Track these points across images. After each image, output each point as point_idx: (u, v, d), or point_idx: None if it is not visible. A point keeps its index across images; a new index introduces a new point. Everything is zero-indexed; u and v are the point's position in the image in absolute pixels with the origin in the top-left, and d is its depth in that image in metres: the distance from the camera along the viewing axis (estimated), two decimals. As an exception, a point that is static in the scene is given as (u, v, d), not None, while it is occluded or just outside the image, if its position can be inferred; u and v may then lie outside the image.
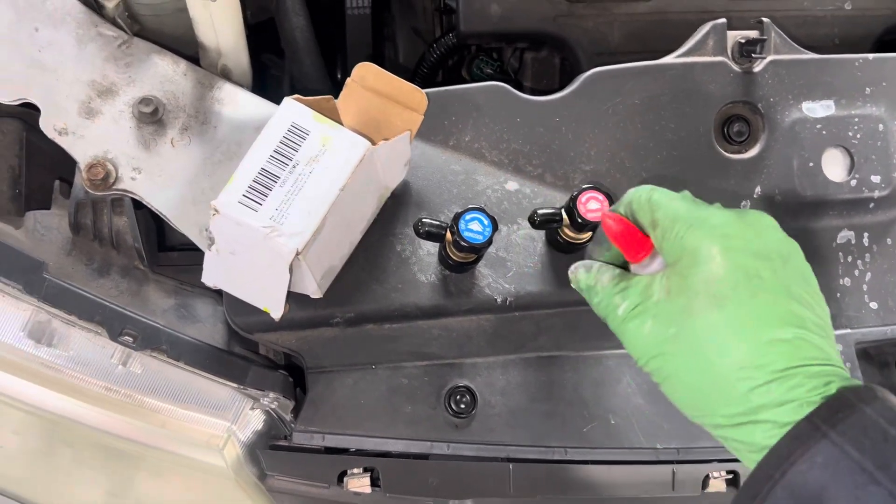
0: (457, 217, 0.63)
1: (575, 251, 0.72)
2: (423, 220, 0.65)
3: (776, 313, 0.49)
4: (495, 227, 0.64)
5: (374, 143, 0.64)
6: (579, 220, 0.65)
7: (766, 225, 0.55)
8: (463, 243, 0.63)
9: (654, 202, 0.56)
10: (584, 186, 0.66)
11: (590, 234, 0.69)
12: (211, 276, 0.64)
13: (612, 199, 0.66)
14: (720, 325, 0.49)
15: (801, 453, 0.44)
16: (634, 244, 0.57)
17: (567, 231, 0.68)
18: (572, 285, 0.61)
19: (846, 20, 0.85)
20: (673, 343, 0.51)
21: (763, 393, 0.47)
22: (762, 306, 0.49)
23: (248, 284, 0.64)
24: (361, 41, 1.01)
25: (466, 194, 0.73)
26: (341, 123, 0.64)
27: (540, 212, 0.67)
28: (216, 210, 0.59)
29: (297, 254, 0.59)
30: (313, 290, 0.65)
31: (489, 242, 0.64)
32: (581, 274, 0.60)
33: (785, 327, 0.49)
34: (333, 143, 0.62)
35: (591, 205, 0.65)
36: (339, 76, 1.02)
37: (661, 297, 0.52)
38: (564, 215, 0.67)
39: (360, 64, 0.66)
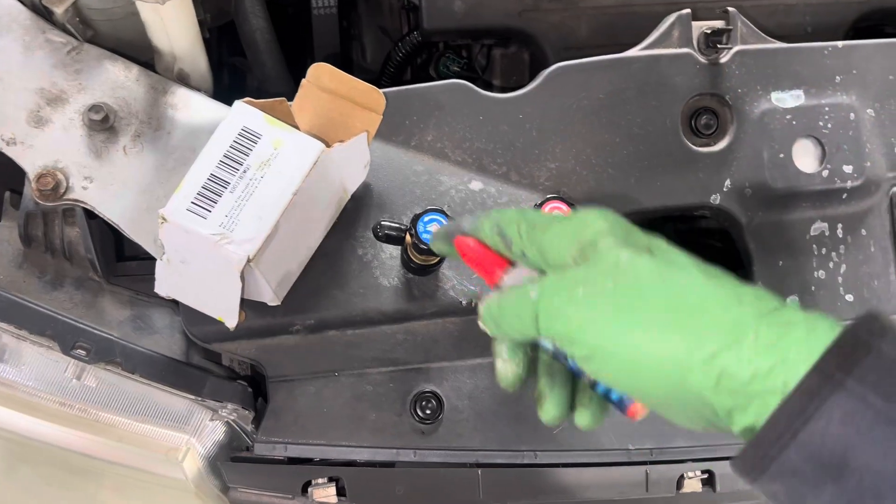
0: (415, 219, 0.61)
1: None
2: (383, 222, 0.63)
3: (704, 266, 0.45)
4: None
5: (329, 146, 0.62)
6: (420, 243, 0.61)
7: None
8: (422, 245, 0.61)
9: (524, 215, 0.50)
10: (548, 196, 0.64)
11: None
12: (164, 285, 0.62)
13: (575, 209, 0.64)
14: (657, 264, 0.44)
15: (816, 407, 0.37)
16: (489, 262, 0.53)
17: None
18: (484, 325, 0.54)
19: (819, 7, 0.83)
20: (614, 297, 0.43)
21: (742, 333, 0.40)
22: (687, 257, 0.45)
23: (201, 293, 0.62)
24: (328, 41, 1.00)
25: (430, 195, 0.72)
26: (296, 126, 0.62)
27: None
28: (164, 218, 0.58)
29: (249, 261, 0.57)
30: (270, 297, 0.64)
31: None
32: (482, 310, 0.52)
33: (722, 277, 0.44)
34: (286, 146, 0.61)
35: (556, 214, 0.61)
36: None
37: (580, 265, 0.45)
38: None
39: (314, 64, 0.64)
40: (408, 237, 0.63)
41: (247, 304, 0.63)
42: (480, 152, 0.73)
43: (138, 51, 0.74)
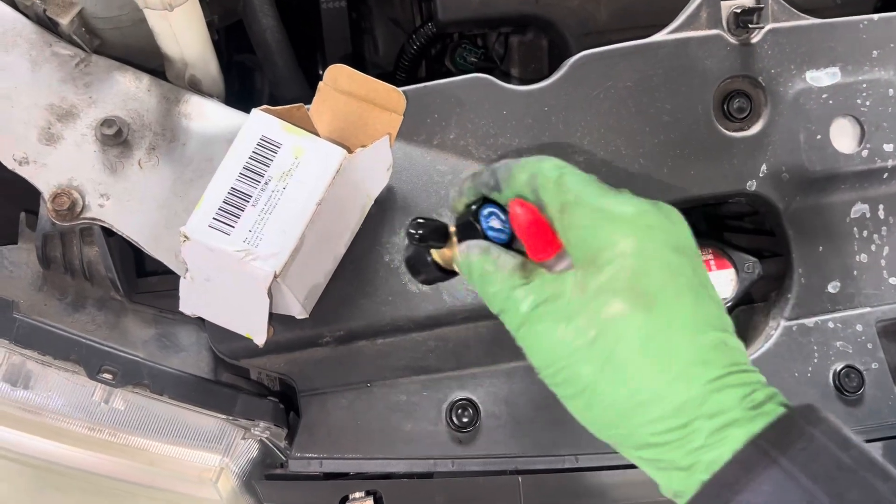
0: (476, 214, 0.52)
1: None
2: (418, 220, 0.53)
3: (702, 316, 0.44)
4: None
5: (350, 151, 0.60)
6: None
7: (679, 217, 0.49)
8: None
9: (564, 185, 0.48)
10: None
11: None
12: (188, 304, 0.60)
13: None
14: (648, 329, 0.43)
15: (748, 481, 0.40)
16: (543, 240, 0.49)
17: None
18: (460, 268, 0.53)
19: (847, -22, 0.80)
20: (589, 350, 0.44)
21: (696, 406, 0.42)
22: (689, 307, 0.44)
23: (227, 310, 0.60)
24: (339, 36, 0.97)
25: (455, 196, 0.69)
26: (315, 131, 0.60)
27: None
28: (186, 236, 0.56)
29: (275, 276, 0.55)
30: (298, 310, 0.62)
31: (514, 238, 0.53)
32: (475, 257, 0.50)
33: (710, 331, 0.44)
34: (307, 154, 0.58)
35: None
36: (320, 73, 0.98)
37: (574, 296, 0.45)
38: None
39: (331, 66, 0.62)
40: (453, 236, 0.57)
41: (274, 319, 0.61)
42: (505, 148, 0.70)
43: (148, 57, 0.71)
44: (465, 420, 0.67)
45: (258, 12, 0.80)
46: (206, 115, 0.68)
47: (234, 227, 0.56)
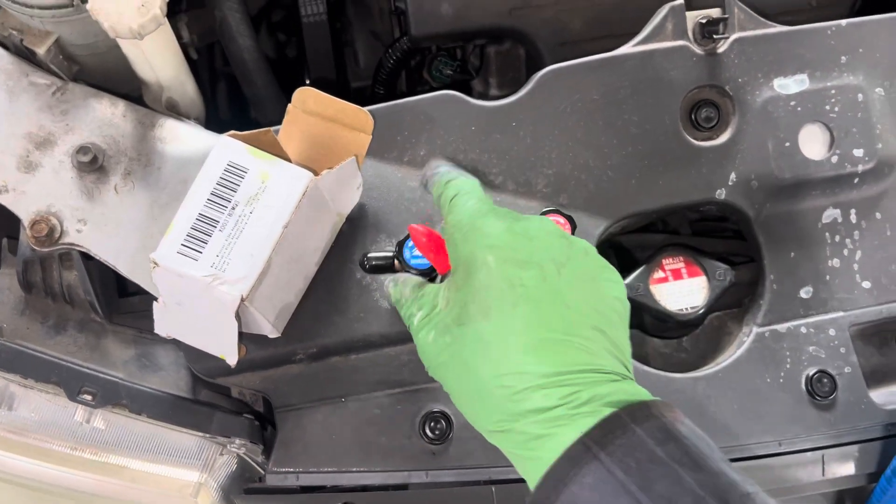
0: (399, 245, 0.61)
1: None
2: (368, 255, 0.63)
3: (540, 320, 0.49)
4: None
5: (317, 174, 0.61)
6: (408, 269, 0.64)
7: (545, 231, 0.55)
8: (412, 271, 0.61)
9: (455, 205, 0.58)
10: (544, 210, 0.65)
11: None
12: (162, 326, 0.62)
13: (573, 222, 0.63)
14: (485, 334, 0.50)
15: (574, 474, 0.45)
16: (438, 256, 0.58)
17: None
18: (390, 301, 0.63)
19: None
20: (448, 352, 0.52)
21: (521, 400, 0.48)
22: (525, 314, 0.50)
23: (200, 333, 0.62)
24: (321, 48, 0.98)
25: (426, 211, 0.70)
26: (283, 155, 0.61)
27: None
28: (155, 263, 0.57)
29: (243, 300, 0.57)
30: (269, 330, 0.64)
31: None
32: (391, 288, 0.62)
33: (550, 333, 0.49)
34: (273, 178, 0.60)
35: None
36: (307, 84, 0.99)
37: (441, 307, 0.54)
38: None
39: (299, 89, 0.63)
40: (396, 263, 0.63)
41: (247, 337, 0.63)
42: (475, 163, 0.71)
43: (127, 81, 0.73)
44: (437, 432, 0.68)
45: (234, 32, 0.82)
46: (180, 138, 0.70)
47: (201, 252, 0.57)
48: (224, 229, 0.58)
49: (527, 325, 0.49)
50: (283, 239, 0.59)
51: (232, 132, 0.61)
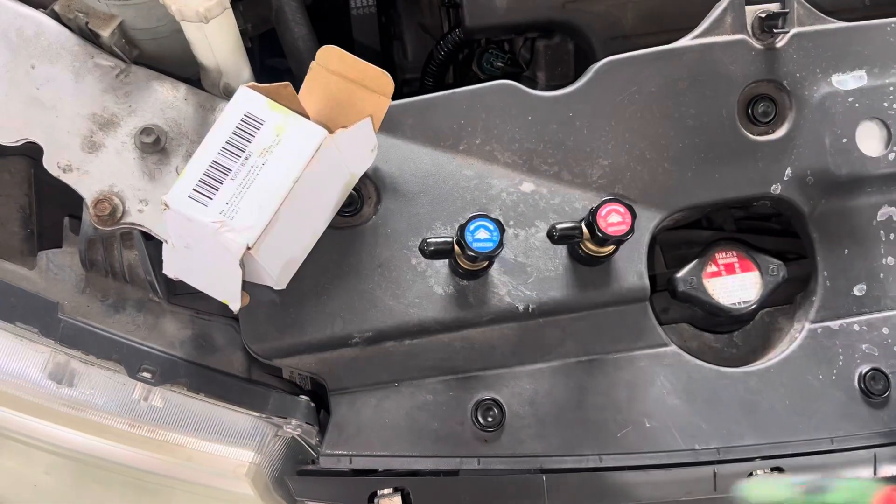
0: (461, 229, 0.61)
1: (597, 264, 0.69)
2: (428, 240, 0.63)
3: None
4: (502, 230, 0.62)
5: (332, 131, 0.60)
6: (600, 235, 0.62)
7: None
8: (472, 254, 0.61)
9: None
10: (605, 199, 0.63)
11: (612, 247, 0.66)
12: (171, 268, 0.62)
13: (633, 212, 0.63)
14: None
15: None
16: None
17: (588, 245, 0.66)
18: None
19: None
20: None
21: None
22: None
23: (206, 277, 0.62)
24: (369, 41, 0.99)
25: (481, 199, 0.71)
26: (301, 111, 0.61)
27: (559, 227, 0.65)
28: (166, 205, 0.57)
29: (248, 249, 0.57)
30: (273, 282, 0.63)
31: (500, 247, 0.62)
32: None
33: None
34: (288, 132, 0.59)
35: (612, 218, 0.62)
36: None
37: None
38: (584, 229, 0.64)
39: (323, 47, 0.63)
40: (456, 248, 0.62)
41: (308, 319, 0.63)
42: (531, 153, 0.72)
43: (184, 66, 0.74)
44: (490, 420, 0.68)
45: (290, 21, 0.82)
46: (239, 122, 0.70)
47: (212, 198, 0.57)
48: (236, 178, 0.58)
49: None
50: (294, 193, 0.59)
51: (252, 83, 0.61)
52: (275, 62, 0.97)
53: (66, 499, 0.69)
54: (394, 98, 0.69)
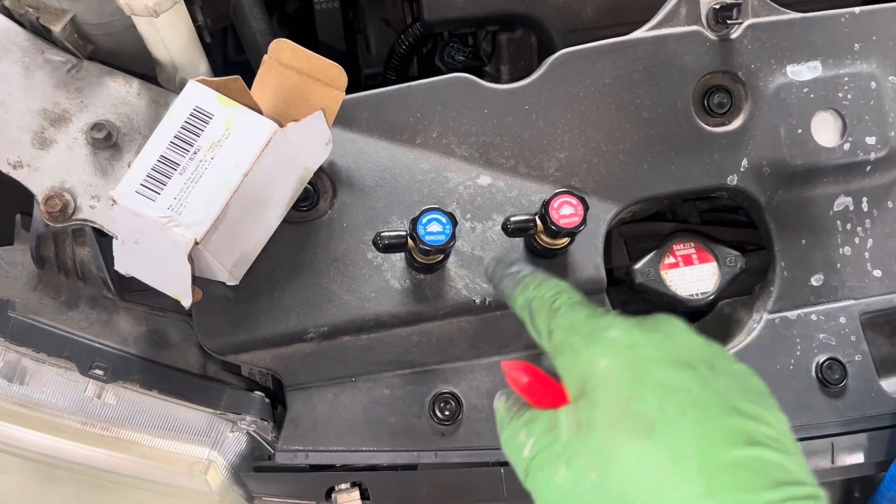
0: (414, 222, 0.61)
1: (554, 256, 0.69)
2: (382, 233, 0.63)
3: (717, 431, 0.39)
4: (455, 223, 0.62)
5: (282, 125, 0.60)
6: (553, 227, 0.62)
7: (677, 328, 0.45)
8: (426, 247, 0.61)
9: (556, 308, 0.47)
10: (557, 191, 0.63)
11: (566, 239, 0.66)
12: (122, 263, 0.62)
13: (585, 203, 0.63)
14: (652, 457, 0.38)
15: None
16: (543, 395, 0.47)
17: (543, 237, 0.65)
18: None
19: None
20: (596, 493, 0.39)
21: None
22: (698, 425, 0.39)
23: (157, 272, 0.62)
24: (333, 36, 0.98)
25: (437, 193, 0.71)
26: (252, 104, 0.61)
27: (513, 219, 0.65)
28: (113, 200, 0.57)
29: (196, 243, 0.57)
30: (225, 276, 0.63)
31: (453, 239, 0.62)
32: (498, 404, 0.50)
33: (733, 447, 0.39)
34: (238, 126, 0.59)
35: (565, 210, 0.62)
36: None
37: (570, 435, 0.41)
38: (538, 222, 0.64)
39: (276, 40, 0.63)
40: (410, 241, 0.62)
41: (263, 315, 0.63)
42: (487, 146, 0.71)
43: (140, 62, 0.73)
44: (447, 413, 0.68)
45: (248, 15, 0.82)
46: (193, 117, 0.70)
47: (160, 193, 0.57)
48: (184, 173, 0.58)
49: (705, 439, 0.39)
50: (243, 187, 0.58)
51: (201, 77, 0.61)
52: (240, 59, 0.97)
53: (20, 498, 0.68)
54: (357, 92, 0.69)
